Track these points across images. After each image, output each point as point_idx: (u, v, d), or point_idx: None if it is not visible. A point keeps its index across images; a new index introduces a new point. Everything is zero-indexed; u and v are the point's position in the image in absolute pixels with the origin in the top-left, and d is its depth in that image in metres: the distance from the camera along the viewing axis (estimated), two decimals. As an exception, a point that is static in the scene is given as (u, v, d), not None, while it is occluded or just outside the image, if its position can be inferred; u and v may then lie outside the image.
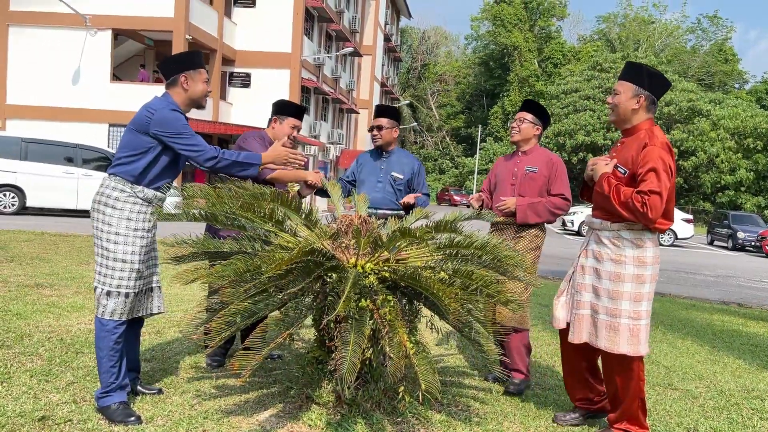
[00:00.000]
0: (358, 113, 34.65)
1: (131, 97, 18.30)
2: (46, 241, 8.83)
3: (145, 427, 2.77)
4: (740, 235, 21.67)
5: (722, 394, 3.98)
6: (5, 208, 13.10)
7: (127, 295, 2.83)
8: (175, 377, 3.46)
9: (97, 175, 13.50)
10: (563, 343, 3.24)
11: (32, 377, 3.25)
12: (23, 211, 13.42)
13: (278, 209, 2.95)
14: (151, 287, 3.03)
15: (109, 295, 2.80)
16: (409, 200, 3.96)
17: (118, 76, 22.05)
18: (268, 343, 2.67)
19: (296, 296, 2.91)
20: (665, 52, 52.97)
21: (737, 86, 55.78)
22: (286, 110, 3.80)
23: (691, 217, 22.21)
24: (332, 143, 29.59)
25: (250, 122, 21.14)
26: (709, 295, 9.45)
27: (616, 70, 41.98)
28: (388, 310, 2.68)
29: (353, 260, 2.90)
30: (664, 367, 4.56)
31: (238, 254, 2.90)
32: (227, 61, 22.81)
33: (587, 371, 3.21)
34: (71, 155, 13.73)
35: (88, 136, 17.07)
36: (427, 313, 3.15)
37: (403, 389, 2.87)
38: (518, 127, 3.83)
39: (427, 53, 62.85)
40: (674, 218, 3.04)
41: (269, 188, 2.94)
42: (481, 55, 58.99)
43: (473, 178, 48.44)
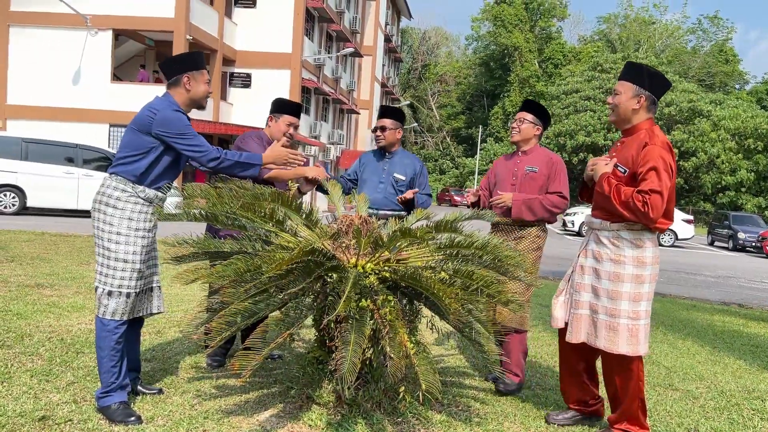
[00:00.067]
0: (358, 114, 34.66)
1: (132, 97, 18.30)
2: (46, 241, 8.83)
3: (145, 427, 2.77)
4: (741, 235, 21.66)
5: (723, 394, 3.98)
6: (6, 208, 13.11)
7: (128, 295, 2.84)
8: (175, 377, 3.46)
9: (97, 175, 13.50)
10: (561, 342, 3.24)
11: (32, 377, 3.25)
12: (24, 211, 13.43)
13: (279, 209, 2.95)
14: (151, 287, 3.04)
15: (110, 295, 2.81)
16: (407, 195, 3.91)
17: (118, 76, 22.07)
18: (268, 343, 2.67)
19: (297, 296, 2.91)
20: (666, 52, 52.98)
21: (738, 87, 55.78)
22: (281, 108, 3.81)
23: (691, 217, 22.18)
24: (332, 144, 29.59)
25: (250, 122, 21.15)
26: (709, 295, 9.45)
27: (616, 70, 41.93)
28: (388, 310, 2.68)
29: (354, 260, 2.90)
30: (664, 367, 4.56)
31: (238, 254, 2.90)
32: (228, 61, 22.83)
33: (584, 372, 3.21)
34: (72, 155, 13.73)
35: (88, 136, 17.07)
36: (427, 313, 3.15)
37: (403, 389, 2.87)
38: (518, 127, 3.82)
39: (427, 54, 62.82)
40: (674, 218, 3.04)
41: (269, 188, 2.95)
42: (481, 55, 58.99)
43: (474, 178, 48.43)
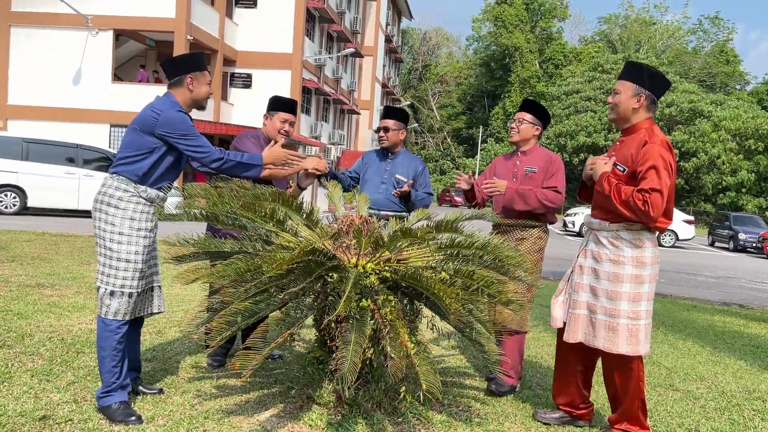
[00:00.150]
0: (359, 114, 34.66)
1: (132, 97, 18.30)
2: (47, 241, 8.84)
3: (145, 426, 2.77)
4: (741, 236, 21.65)
5: (724, 395, 3.98)
6: (6, 208, 13.11)
7: (130, 294, 2.84)
8: (175, 377, 3.46)
9: (98, 175, 13.50)
10: (559, 342, 3.23)
11: (33, 377, 3.25)
12: (24, 211, 13.43)
13: (279, 209, 2.96)
14: (152, 287, 3.04)
15: (112, 295, 2.81)
16: (405, 188, 3.86)
17: (119, 76, 22.08)
18: (268, 343, 2.67)
19: (297, 296, 2.91)
20: (666, 53, 52.96)
21: (738, 87, 55.76)
22: (275, 106, 3.81)
23: (692, 218, 22.15)
24: (333, 144, 29.60)
25: (251, 123, 21.14)
26: (710, 296, 9.44)
27: (617, 71, 41.88)
28: (389, 310, 2.68)
29: (354, 260, 2.90)
30: (665, 368, 4.56)
31: (239, 254, 2.90)
32: (228, 61, 22.84)
33: (580, 375, 3.18)
34: (72, 155, 13.74)
35: (89, 136, 17.06)
36: (428, 313, 3.15)
37: (404, 389, 2.87)
38: (517, 127, 3.81)
39: (428, 54, 62.81)
40: (673, 218, 3.04)
41: (270, 188, 2.95)
42: (482, 56, 58.99)
43: (474, 179, 48.36)
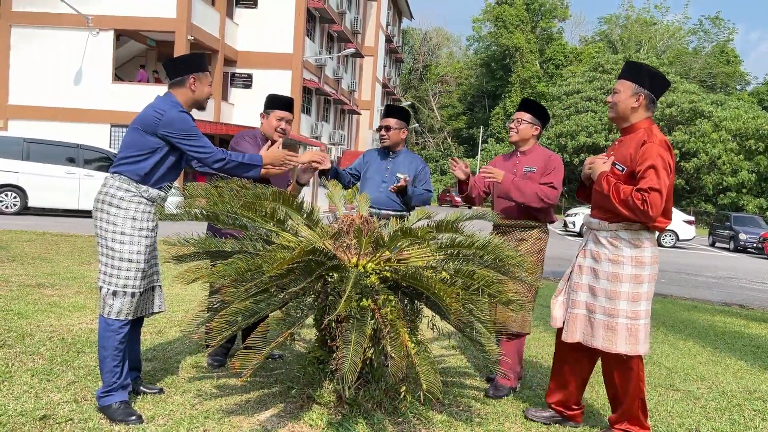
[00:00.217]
0: (359, 114, 34.67)
1: (133, 97, 18.31)
2: (47, 241, 8.84)
3: (146, 426, 2.77)
4: (742, 236, 21.64)
5: (724, 395, 3.98)
6: (7, 208, 13.11)
7: (133, 294, 2.84)
8: (176, 377, 3.46)
9: (98, 175, 13.50)
10: (558, 342, 3.23)
11: (33, 376, 3.25)
12: (25, 211, 13.43)
13: (279, 209, 2.96)
14: (152, 286, 3.04)
15: (115, 294, 2.81)
16: (401, 183, 3.82)
17: (119, 76, 22.09)
18: (269, 342, 2.67)
19: (297, 296, 2.91)
20: (667, 53, 52.98)
21: (739, 88, 55.78)
22: (272, 104, 3.81)
23: (692, 218, 22.14)
24: (334, 144, 29.61)
25: (251, 123, 21.14)
26: (710, 296, 9.44)
27: (617, 71, 41.77)
28: (389, 309, 2.68)
29: (354, 260, 2.90)
30: (665, 368, 4.55)
31: (239, 253, 2.90)
32: (229, 61, 22.84)
33: (576, 375, 3.17)
34: (73, 155, 13.74)
35: (89, 136, 17.07)
36: (428, 313, 3.15)
37: (404, 389, 2.87)
38: (516, 128, 3.81)
39: (428, 54, 62.84)
40: (674, 218, 3.04)
41: (270, 188, 2.95)
42: (482, 56, 59.02)
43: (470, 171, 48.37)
